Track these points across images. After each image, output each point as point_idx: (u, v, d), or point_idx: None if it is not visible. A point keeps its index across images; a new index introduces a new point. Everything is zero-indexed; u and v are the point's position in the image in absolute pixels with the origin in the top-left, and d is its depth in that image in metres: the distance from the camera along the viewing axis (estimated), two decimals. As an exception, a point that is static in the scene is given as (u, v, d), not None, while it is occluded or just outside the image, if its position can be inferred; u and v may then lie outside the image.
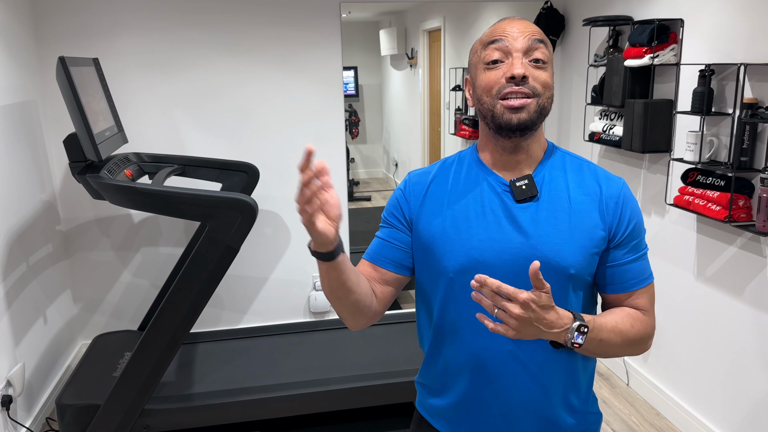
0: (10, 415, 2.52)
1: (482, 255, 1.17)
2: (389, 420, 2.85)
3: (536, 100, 1.13)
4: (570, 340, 1.06)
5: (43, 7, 3.03)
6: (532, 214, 1.17)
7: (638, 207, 1.22)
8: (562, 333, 1.05)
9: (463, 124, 5.18)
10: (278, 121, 3.34)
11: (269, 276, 3.51)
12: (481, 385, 1.22)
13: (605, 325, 1.13)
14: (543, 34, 1.18)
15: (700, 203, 2.46)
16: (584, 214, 1.17)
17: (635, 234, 1.19)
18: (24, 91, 2.85)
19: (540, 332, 1.03)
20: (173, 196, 2.28)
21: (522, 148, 1.19)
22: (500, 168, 1.22)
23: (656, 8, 2.80)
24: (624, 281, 1.19)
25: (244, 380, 2.73)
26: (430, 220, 1.23)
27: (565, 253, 1.15)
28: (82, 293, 3.35)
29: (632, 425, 2.87)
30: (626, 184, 1.22)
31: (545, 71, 1.15)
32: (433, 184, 1.27)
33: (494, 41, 1.15)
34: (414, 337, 3.10)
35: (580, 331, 1.06)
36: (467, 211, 1.20)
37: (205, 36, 3.19)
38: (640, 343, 1.19)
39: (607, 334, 1.13)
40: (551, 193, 1.19)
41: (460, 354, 1.23)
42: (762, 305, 2.33)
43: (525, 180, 1.19)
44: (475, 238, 1.18)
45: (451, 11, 5.42)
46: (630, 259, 1.19)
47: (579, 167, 1.23)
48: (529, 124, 1.14)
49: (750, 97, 2.27)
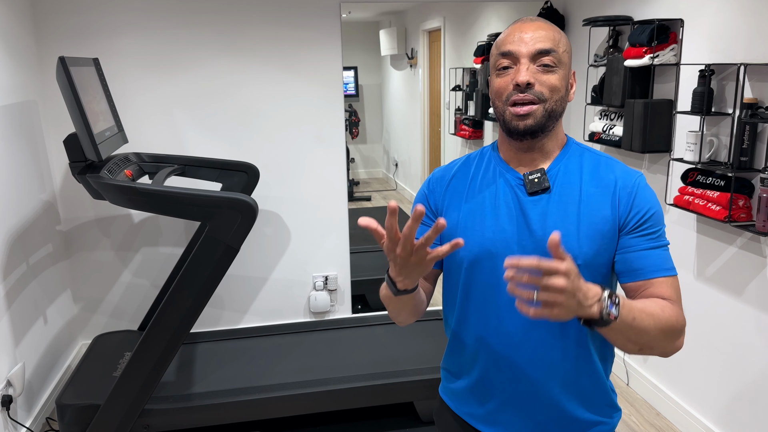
0: (10, 415, 2.52)
1: (494, 246, 1.21)
2: (389, 420, 2.85)
3: (543, 105, 1.16)
4: (605, 310, 1.00)
5: (43, 7, 3.03)
6: (543, 207, 1.20)
7: (655, 199, 1.20)
8: (596, 304, 1.00)
9: (463, 124, 5.18)
10: (278, 121, 3.34)
11: (269, 276, 3.52)
12: (495, 370, 1.27)
13: (637, 306, 1.07)
14: (555, 34, 1.18)
15: (700, 203, 2.46)
16: (594, 206, 1.19)
17: (651, 222, 1.17)
18: (24, 91, 2.85)
19: (579, 306, 0.98)
20: (173, 196, 2.28)
21: (536, 147, 1.23)
22: (516, 164, 1.26)
23: (656, 8, 2.80)
24: (641, 268, 1.16)
25: (244, 380, 2.73)
26: (449, 213, 1.29)
27: (572, 245, 1.17)
28: (82, 293, 3.35)
29: (632, 425, 2.87)
30: (643, 177, 1.22)
31: (554, 74, 1.16)
32: (454, 179, 1.32)
33: (503, 53, 1.19)
34: (414, 337, 3.10)
35: (613, 301, 1.02)
36: (483, 204, 1.25)
37: (206, 36, 3.19)
38: (674, 334, 1.12)
39: (639, 314, 1.06)
40: (563, 187, 1.21)
41: (473, 341, 1.28)
42: (762, 305, 2.33)
43: (538, 173, 1.22)
44: (488, 229, 1.22)
45: (451, 11, 5.42)
46: (647, 246, 1.16)
47: (596, 162, 1.24)
48: (537, 128, 1.18)
49: (750, 97, 2.27)
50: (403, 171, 7.47)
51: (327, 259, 3.54)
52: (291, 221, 3.47)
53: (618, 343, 1.09)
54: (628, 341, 1.08)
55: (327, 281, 3.56)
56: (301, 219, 3.47)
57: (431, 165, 6.48)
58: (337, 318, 3.57)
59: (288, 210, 3.45)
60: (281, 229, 3.47)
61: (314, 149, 3.40)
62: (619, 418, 1.32)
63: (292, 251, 3.50)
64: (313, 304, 3.56)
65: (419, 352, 2.94)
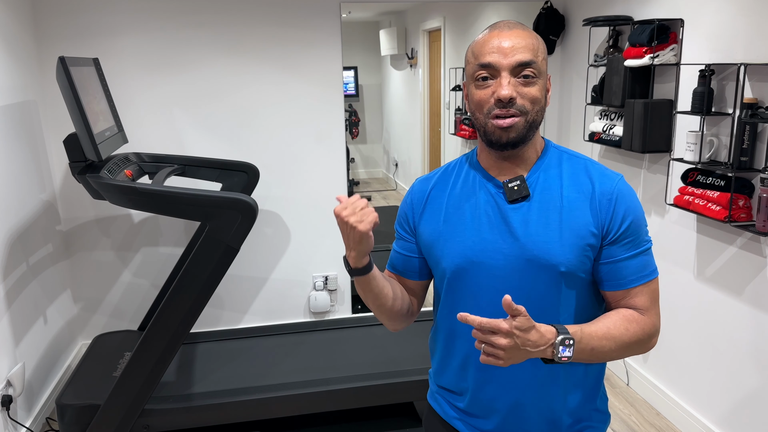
0: (10, 415, 2.52)
1: (476, 255, 1.21)
2: (389, 420, 2.85)
3: (524, 117, 1.16)
4: (557, 355, 1.08)
5: (43, 7, 3.03)
6: (524, 214, 1.20)
7: (636, 202, 1.21)
8: (548, 349, 1.08)
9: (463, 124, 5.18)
10: (278, 121, 3.34)
11: (269, 276, 3.52)
12: (481, 381, 1.26)
13: (596, 333, 1.14)
14: (533, 42, 1.17)
15: (700, 203, 2.46)
16: (575, 212, 1.18)
17: (632, 230, 1.19)
18: (24, 91, 2.85)
19: (527, 353, 1.06)
20: (173, 196, 2.28)
21: (516, 156, 1.23)
22: (496, 172, 1.25)
23: (656, 8, 2.80)
24: (620, 278, 1.19)
25: (244, 380, 2.73)
26: (430, 224, 1.29)
27: (554, 252, 1.17)
28: (82, 293, 3.35)
29: (632, 425, 2.87)
30: (623, 180, 1.22)
31: (535, 85, 1.16)
32: (434, 190, 1.32)
33: (483, 65, 1.16)
34: (413, 337, 3.10)
35: (566, 345, 1.08)
36: (464, 214, 1.25)
37: (206, 36, 3.19)
38: (640, 345, 1.19)
39: (598, 342, 1.13)
40: (544, 194, 1.21)
41: (459, 351, 1.29)
42: (762, 305, 2.33)
43: (517, 181, 1.21)
44: (469, 239, 1.22)
45: (451, 11, 5.42)
46: (627, 255, 1.18)
47: (574, 166, 1.24)
48: (519, 140, 1.18)
49: (750, 97, 2.27)
50: (403, 171, 7.47)
51: (327, 259, 3.54)
52: (291, 221, 3.47)
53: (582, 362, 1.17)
54: (588, 362, 1.17)
55: (327, 281, 3.56)
56: (301, 219, 3.47)
57: (431, 165, 6.48)
58: (337, 318, 3.57)
59: (288, 210, 3.45)
60: (281, 229, 3.47)
61: (314, 149, 3.40)
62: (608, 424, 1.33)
63: (292, 251, 3.50)
64: (313, 304, 3.56)
65: (419, 352, 2.94)
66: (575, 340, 1.10)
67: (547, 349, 1.07)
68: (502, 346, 1.04)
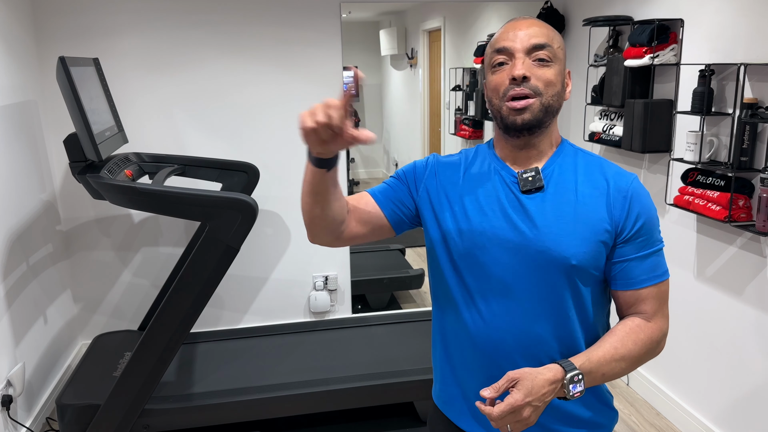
0: (11, 415, 2.52)
1: (488, 241, 1.20)
2: (389, 420, 2.85)
3: (539, 99, 1.16)
4: (568, 394, 1.09)
5: (43, 7, 3.03)
6: (538, 205, 1.19)
7: (650, 202, 1.21)
8: (560, 391, 1.09)
9: (463, 124, 5.18)
10: (278, 121, 3.34)
11: (269, 276, 3.52)
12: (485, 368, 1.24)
13: (604, 357, 1.14)
14: (549, 32, 1.19)
15: (700, 203, 2.46)
16: (590, 207, 1.18)
17: (645, 230, 1.18)
18: (24, 91, 2.85)
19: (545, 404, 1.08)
20: (173, 196, 2.28)
21: (531, 145, 1.22)
22: (512, 162, 1.25)
23: (656, 8, 2.80)
24: (631, 277, 1.18)
25: (244, 380, 2.73)
26: (442, 209, 1.27)
27: (566, 244, 1.16)
28: (82, 293, 3.35)
29: (632, 425, 2.87)
30: (637, 180, 1.22)
31: (550, 68, 1.16)
32: (449, 169, 1.30)
33: (498, 49, 1.18)
34: (414, 337, 3.10)
35: (575, 381, 1.09)
36: (478, 200, 1.23)
37: (206, 36, 3.19)
38: (649, 354, 1.20)
39: (608, 367, 1.14)
40: (558, 186, 1.20)
41: (465, 338, 1.26)
42: (762, 305, 2.33)
43: (532, 172, 1.21)
44: (481, 225, 1.21)
45: (451, 11, 5.42)
46: (639, 255, 1.18)
47: (590, 163, 1.24)
48: (534, 123, 1.17)
49: (750, 97, 2.27)
50: (403, 171, 7.47)
51: (327, 259, 3.54)
52: (291, 221, 3.47)
53: None
54: (605, 382, 1.18)
55: (327, 281, 3.56)
56: (301, 219, 3.46)
57: (431, 165, 6.47)
58: (337, 318, 3.57)
59: (288, 210, 3.45)
60: (281, 229, 3.47)
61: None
62: (616, 420, 1.32)
63: (292, 251, 3.50)
64: (313, 304, 3.56)
65: (419, 352, 2.94)
66: (584, 373, 1.11)
67: (559, 392, 1.10)
68: (527, 417, 1.06)
